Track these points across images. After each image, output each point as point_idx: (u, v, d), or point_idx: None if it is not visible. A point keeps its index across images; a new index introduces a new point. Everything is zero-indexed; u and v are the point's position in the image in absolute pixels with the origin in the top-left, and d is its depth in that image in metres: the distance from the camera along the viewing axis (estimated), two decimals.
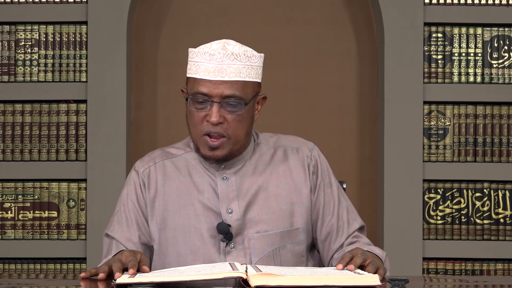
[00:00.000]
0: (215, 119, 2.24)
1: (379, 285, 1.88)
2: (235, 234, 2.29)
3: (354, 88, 4.12)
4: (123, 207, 2.37)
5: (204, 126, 2.27)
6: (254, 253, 2.30)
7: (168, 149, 2.41)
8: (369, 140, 4.09)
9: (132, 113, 4.02)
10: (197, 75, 2.28)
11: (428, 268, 3.81)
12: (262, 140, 2.41)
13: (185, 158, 2.38)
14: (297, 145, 2.40)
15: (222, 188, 2.32)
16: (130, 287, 1.89)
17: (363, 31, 4.13)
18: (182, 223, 2.32)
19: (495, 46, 3.84)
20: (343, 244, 2.36)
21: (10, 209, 3.80)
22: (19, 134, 3.81)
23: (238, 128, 2.27)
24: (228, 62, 2.26)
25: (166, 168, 2.37)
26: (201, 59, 2.28)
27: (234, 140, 2.28)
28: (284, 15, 4.14)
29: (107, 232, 2.36)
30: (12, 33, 3.83)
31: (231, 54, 2.26)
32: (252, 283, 1.87)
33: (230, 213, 2.31)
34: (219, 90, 2.25)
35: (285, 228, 2.33)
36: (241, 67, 2.27)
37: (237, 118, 2.26)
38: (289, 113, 4.10)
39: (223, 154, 2.28)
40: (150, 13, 4.12)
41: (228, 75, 2.25)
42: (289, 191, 2.35)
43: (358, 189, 4.04)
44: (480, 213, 3.82)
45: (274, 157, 2.38)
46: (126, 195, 2.37)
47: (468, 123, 3.84)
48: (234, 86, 2.25)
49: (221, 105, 2.25)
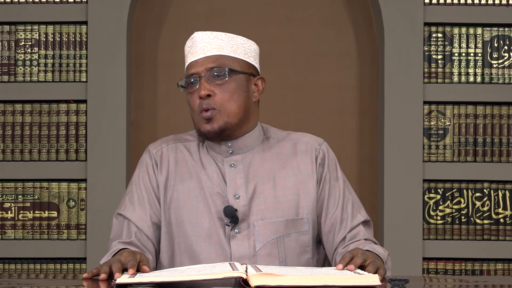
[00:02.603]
0: (203, 91, 2.34)
1: (379, 285, 1.88)
2: (240, 219, 2.34)
3: (354, 88, 4.12)
4: (135, 187, 2.42)
5: (198, 104, 2.36)
6: (258, 239, 2.34)
7: (182, 135, 2.50)
8: (369, 140, 4.09)
9: (132, 113, 4.03)
10: (186, 63, 2.41)
11: (428, 268, 3.81)
12: (272, 133, 2.48)
13: (196, 144, 2.45)
14: (306, 139, 2.46)
15: (230, 175, 2.38)
16: (130, 287, 1.89)
17: (363, 31, 4.13)
18: (190, 204, 2.37)
19: (495, 46, 3.84)
20: (346, 236, 2.39)
21: (10, 209, 3.80)
22: (19, 134, 3.81)
23: (229, 100, 2.35)
24: (208, 40, 2.38)
25: (178, 150, 2.44)
26: (187, 49, 2.42)
27: (225, 112, 2.35)
28: (284, 15, 4.14)
29: (118, 212, 2.42)
30: (12, 33, 3.83)
31: (211, 34, 2.39)
32: (252, 283, 1.87)
33: (237, 199, 2.35)
34: (203, 65, 2.37)
35: (290, 217, 2.37)
36: (223, 44, 2.38)
37: (226, 89, 2.35)
38: (289, 113, 4.10)
39: (219, 126, 2.35)
40: (150, 13, 4.12)
41: (210, 51, 2.37)
42: (296, 182, 2.39)
43: (358, 189, 4.04)
44: (480, 213, 3.82)
45: (283, 149, 2.44)
46: (138, 175, 2.44)
47: (468, 123, 3.84)
48: (218, 59, 2.37)
49: (208, 79, 2.36)
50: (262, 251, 2.34)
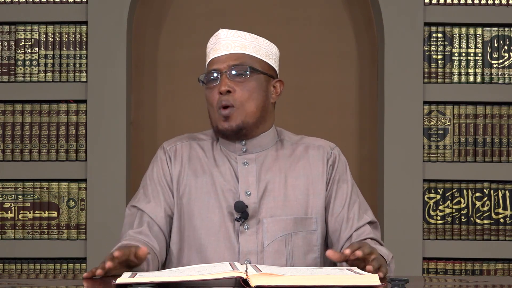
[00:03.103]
0: (224, 87, 2.37)
1: (379, 285, 1.88)
2: (250, 215, 2.37)
3: (354, 88, 4.12)
4: (149, 180, 2.46)
5: (217, 100, 2.38)
6: (267, 236, 2.37)
7: (196, 134, 2.53)
8: (369, 140, 4.09)
9: (132, 113, 4.02)
10: (208, 59, 2.44)
11: (428, 268, 3.81)
12: (286, 136, 2.53)
13: (210, 143, 2.48)
14: (319, 143, 2.51)
15: (243, 172, 2.41)
16: (130, 287, 1.89)
17: (363, 31, 4.13)
18: (202, 199, 2.40)
19: (495, 46, 3.84)
20: (352, 235, 2.42)
21: (10, 209, 3.80)
22: (19, 134, 3.81)
23: (247, 99, 2.39)
24: (233, 38, 2.42)
25: (192, 148, 2.48)
26: (210, 45, 2.45)
27: (243, 110, 2.39)
28: (284, 15, 4.13)
29: (133, 204, 2.44)
30: (12, 33, 3.83)
31: (235, 32, 2.43)
32: (252, 283, 1.87)
33: (248, 196, 2.39)
34: (225, 62, 2.39)
35: (299, 215, 2.41)
36: (246, 43, 2.42)
37: (246, 87, 2.39)
38: (289, 113, 4.10)
39: (237, 124, 2.38)
40: (150, 13, 4.12)
41: (233, 49, 2.41)
42: (307, 183, 2.43)
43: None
44: (480, 213, 3.82)
45: (296, 151, 2.48)
46: (152, 169, 2.47)
47: (468, 123, 3.84)
48: (240, 57, 2.41)
49: (229, 76, 2.38)
50: (269, 247, 2.37)
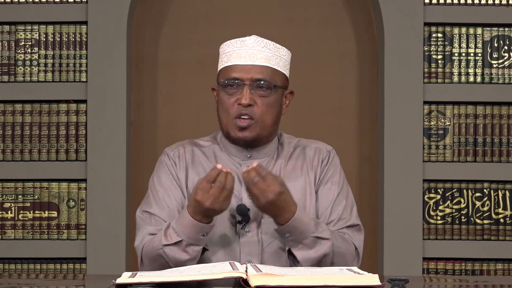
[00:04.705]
0: (246, 100, 2.38)
1: (379, 285, 1.89)
2: (252, 218, 2.39)
3: (354, 88, 4.12)
4: (157, 185, 2.46)
5: (235, 109, 2.40)
6: (266, 237, 2.39)
7: (196, 140, 2.54)
8: (369, 140, 4.09)
9: (132, 113, 4.02)
10: (229, 62, 2.43)
11: (428, 268, 3.81)
12: (285, 139, 2.55)
13: (212, 148, 2.50)
14: (316, 145, 2.54)
15: None
16: (130, 287, 1.89)
17: (363, 31, 4.13)
18: None
19: (495, 46, 3.84)
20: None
21: (10, 209, 3.80)
22: (19, 134, 3.81)
23: (266, 114, 2.41)
24: (258, 48, 2.42)
25: (194, 153, 2.49)
26: (233, 48, 2.43)
27: (261, 124, 2.41)
28: (284, 15, 4.13)
29: (145, 210, 2.44)
30: (12, 33, 3.83)
31: (261, 41, 2.43)
32: (252, 283, 1.87)
33: (250, 199, 2.38)
34: (250, 74, 2.40)
35: None
36: (270, 55, 2.42)
37: (266, 102, 2.40)
38: (289, 113, 4.06)
39: (252, 136, 2.41)
40: (150, 13, 4.12)
41: (259, 60, 2.41)
42: (304, 184, 2.46)
43: (358, 189, 4.04)
44: (480, 213, 3.82)
45: (294, 154, 2.51)
46: (159, 174, 2.48)
47: (468, 123, 3.83)
48: (264, 71, 2.41)
49: (251, 88, 2.39)
50: (269, 248, 2.39)
